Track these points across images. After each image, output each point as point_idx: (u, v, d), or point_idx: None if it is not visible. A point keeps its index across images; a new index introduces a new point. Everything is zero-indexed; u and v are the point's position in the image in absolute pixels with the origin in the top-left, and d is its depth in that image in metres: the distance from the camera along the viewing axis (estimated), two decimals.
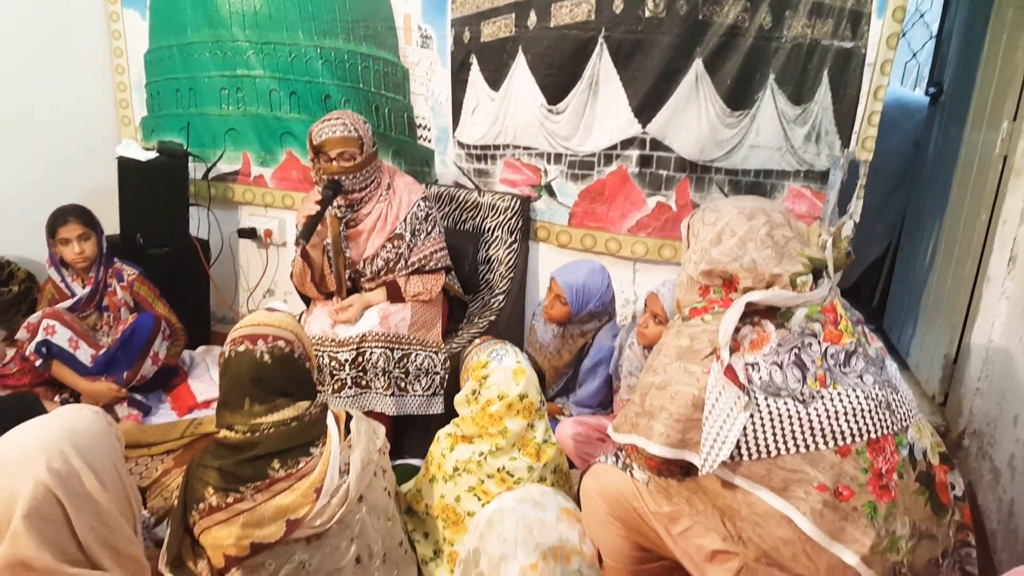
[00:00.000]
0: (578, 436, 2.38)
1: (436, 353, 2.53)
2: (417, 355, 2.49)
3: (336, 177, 2.49)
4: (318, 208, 2.45)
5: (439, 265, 2.68)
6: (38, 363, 2.78)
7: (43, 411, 1.36)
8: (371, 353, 2.43)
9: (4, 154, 3.22)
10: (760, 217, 1.61)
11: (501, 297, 2.87)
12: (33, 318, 2.84)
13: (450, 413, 2.14)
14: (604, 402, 2.63)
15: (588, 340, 2.61)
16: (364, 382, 2.44)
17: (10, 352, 2.87)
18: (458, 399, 1.99)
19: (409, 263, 2.61)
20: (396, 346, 2.47)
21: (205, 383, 3.14)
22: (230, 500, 1.58)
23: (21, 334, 2.82)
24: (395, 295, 2.61)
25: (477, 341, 2.18)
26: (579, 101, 2.76)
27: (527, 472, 1.88)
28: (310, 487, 1.62)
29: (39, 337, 2.79)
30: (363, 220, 2.60)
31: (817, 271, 1.58)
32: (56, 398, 2.85)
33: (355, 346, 2.43)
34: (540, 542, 1.04)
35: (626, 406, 1.64)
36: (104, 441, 1.23)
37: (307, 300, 2.85)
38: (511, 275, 2.90)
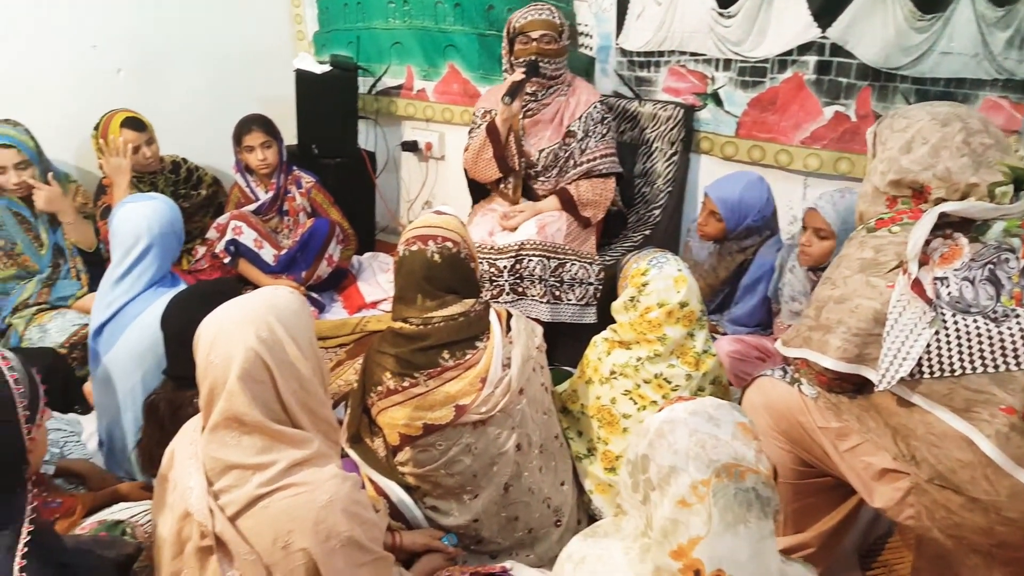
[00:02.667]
0: (735, 354, 2.35)
1: (590, 264, 2.55)
2: (572, 265, 2.53)
3: (534, 58, 2.57)
4: (518, 77, 2.57)
5: (608, 170, 2.69)
6: (227, 260, 3.05)
7: (241, 293, 1.49)
8: (528, 261, 2.49)
9: (189, 69, 3.44)
10: (955, 123, 1.48)
11: (657, 212, 2.83)
12: (222, 219, 3.10)
13: (602, 324, 2.16)
14: (762, 322, 2.55)
15: (747, 256, 2.53)
16: (521, 289, 2.51)
17: (201, 250, 3.14)
18: (615, 305, 2.01)
19: (578, 163, 2.64)
20: (552, 255, 2.52)
21: (372, 285, 3.35)
22: (405, 384, 1.71)
23: (211, 234, 3.09)
24: (567, 202, 2.64)
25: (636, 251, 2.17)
26: (753, 3, 2.62)
27: (685, 380, 1.88)
28: (476, 377, 1.72)
29: (228, 236, 3.06)
30: (542, 111, 2.67)
31: (1019, 181, 1.44)
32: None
33: (513, 254, 2.50)
34: (713, 458, 1.04)
35: (799, 320, 1.60)
36: (301, 316, 1.34)
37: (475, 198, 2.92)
38: (669, 189, 2.84)
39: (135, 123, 2.88)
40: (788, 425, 1.61)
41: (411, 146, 3.77)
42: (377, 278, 3.42)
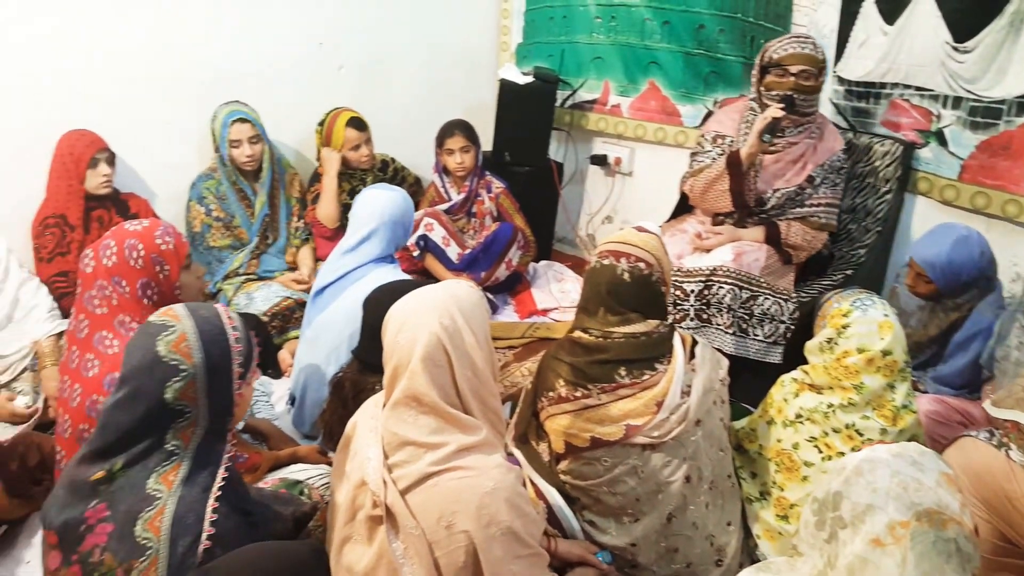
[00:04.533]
0: (935, 415, 2.14)
1: (785, 300, 2.41)
2: (765, 299, 2.40)
3: (790, 94, 2.46)
4: (779, 113, 2.43)
5: (825, 221, 2.55)
6: (415, 253, 3.20)
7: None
8: (718, 288, 2.39)
9: (403, 71, 3.63)
10: None
11: (863, 251, 2.63)
12: (416, 214, 3.24)
13: (788, 364, 2.04)
14: (969, 384, 2.30)
15: (962, 314, 2.29)
16: (706, 316, 2.42)
17: None
18: (810, 345, 1.89)
19: (799, 205, 2.52)
20: (745, 285, 2.40)
21: (545, 293, 3.38)
22: (578, 394, 1.70)
23: None
24: (772, 237, 2.52)
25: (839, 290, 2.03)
26: (995, 39, 2.39)
27: (879, 435, 1.73)
28: (652, 399, 1.67)
29: (419, 231, 3.20)
30: (787, 149, 2.54)
31: None
32: None
33: (704, 278, 2.41)
34: (915, 501, 0.95)
35: (1014, 381, 1.43)
36: (479, 310, 1.40)
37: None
38: (878, 228, 2.64)
39: (358, 123, 3.13)
40: (990, 492, 1.45)
41: (599, 160, 3.78)
42: (551, 287, 3.45)
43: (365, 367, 1.88)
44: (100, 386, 1.59)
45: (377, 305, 1.82)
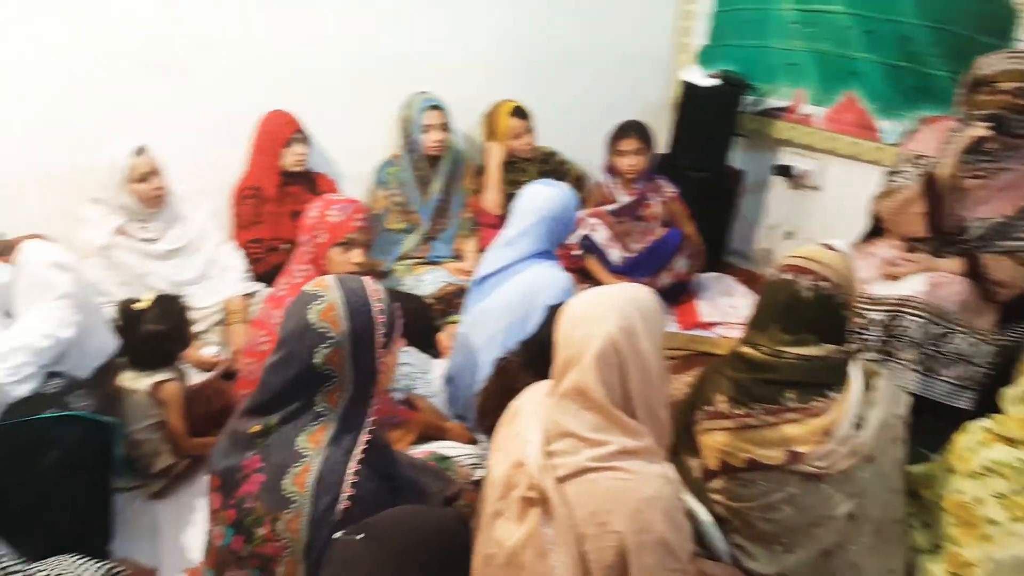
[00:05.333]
0: None
1: (983, 342, 2.16)
2: (959, 338, 2.16)
3: (1000, 112, 2.22)
4: (983, 132, 2.21)
5: None
6: (576, 253, 3.19)
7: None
8: (907, 320, 2.18)
9: (575, 68, 3.61)
10: None
11: None
12: (580, 214, 3.24)
13: (978, 411, 1.86)
14: None
15: None
16: (889, 349, 2.22)
17: None
18: (1010, 394, 1.68)
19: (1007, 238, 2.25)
20: (938, 321, 2.17)
21: (711, 306, 3.27)
22: (739, 412, 1.63)
23: None
24: (974, 270, 2.27)
25: None
26: None
27: None
28: (820, 427, 1.57)
29: (583, 231, 3.19)
30: (995, 175, 2.29)
31: None
32: None
33: (891, 308, 2.21)
34: None
35: None
36: (657, 316, 1.37)
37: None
38: None
39: (521, 112, 3.21)
40: None
41: (784, 171, 3.58)
42: (718, 300, 3.32)
43: (528, 364, 1.88)
44: None
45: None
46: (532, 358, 1.81)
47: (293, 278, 2.06)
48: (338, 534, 1.23)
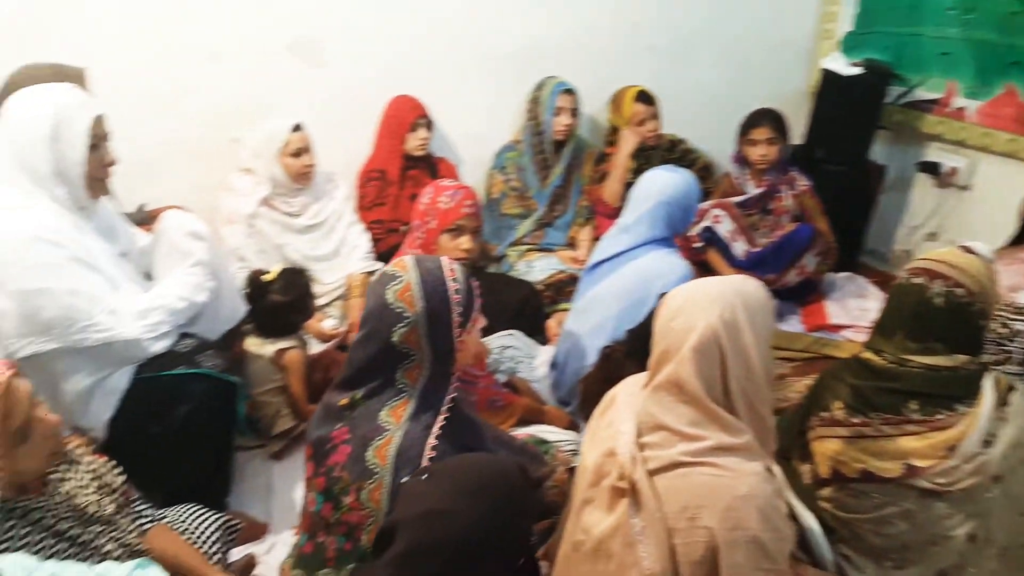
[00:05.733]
0: None
1: None
2: None
3: None
4: None
5: None
6: (696, 245, 3.08)
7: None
8: None
9: (708, 54, 3.49)
10: None
11: None
12: (704, 204, 3.12)
13: None
14: None
15: None
16: None
17: None
18: None
19: None
20: None
21: (840, 307, 3.09)
22: (855, 420, 1.55)
23: None
24: None
25: None
26: None
27: None
28: (943, 442, 1.47)
29: (705, 222, 3.09)
30: None
31: None
32: None
33: None
34: None
35: None
36: (765, 310, 1.31)
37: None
38: None
39: (646, 97, 3.14)
40: None
41: (930, 167, 3.32)
42: (848, 302, 3.13)
43: (631, 354, 1.85)
44: None
45: None
46: (637, 348, 1.78)
47: None
48: (405, 478, 1.26)
